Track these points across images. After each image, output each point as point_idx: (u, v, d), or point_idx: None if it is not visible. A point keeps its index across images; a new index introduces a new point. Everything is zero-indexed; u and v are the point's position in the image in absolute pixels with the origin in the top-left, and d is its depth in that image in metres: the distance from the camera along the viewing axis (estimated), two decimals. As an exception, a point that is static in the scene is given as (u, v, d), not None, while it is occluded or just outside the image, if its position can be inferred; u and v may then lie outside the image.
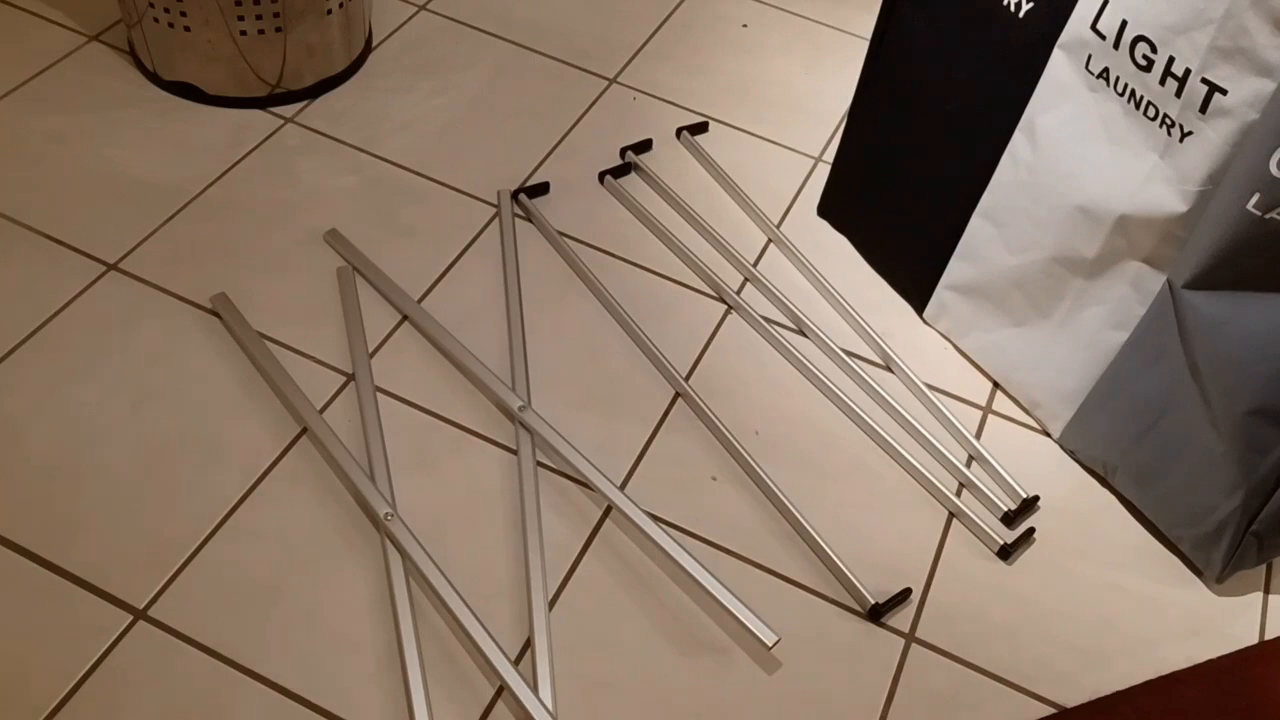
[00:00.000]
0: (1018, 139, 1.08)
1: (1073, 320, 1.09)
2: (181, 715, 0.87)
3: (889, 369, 1.21)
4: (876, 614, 1.00)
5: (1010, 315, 1.16)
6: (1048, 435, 1.16)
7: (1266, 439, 0.96)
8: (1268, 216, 0.88)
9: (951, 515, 1.09)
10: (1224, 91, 0.89)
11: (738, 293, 1.25)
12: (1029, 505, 1.10)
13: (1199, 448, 1.01)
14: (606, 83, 1.49)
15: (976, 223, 1.15)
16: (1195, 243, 0.94)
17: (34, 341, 1.09)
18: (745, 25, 1.62)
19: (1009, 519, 1.08)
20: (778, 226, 1.34)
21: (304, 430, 1.06)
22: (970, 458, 1.14)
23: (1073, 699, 0.97)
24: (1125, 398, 1.06)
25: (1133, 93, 0.96)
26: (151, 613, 0.92)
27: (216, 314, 1.14)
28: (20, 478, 0.99)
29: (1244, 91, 0.87)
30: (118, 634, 0.91)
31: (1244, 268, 0.92)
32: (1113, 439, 1.09)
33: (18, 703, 0.86)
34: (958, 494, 1.10)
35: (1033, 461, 1.14)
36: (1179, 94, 0.92)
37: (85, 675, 0.88)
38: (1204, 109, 0.90)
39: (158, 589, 0.94)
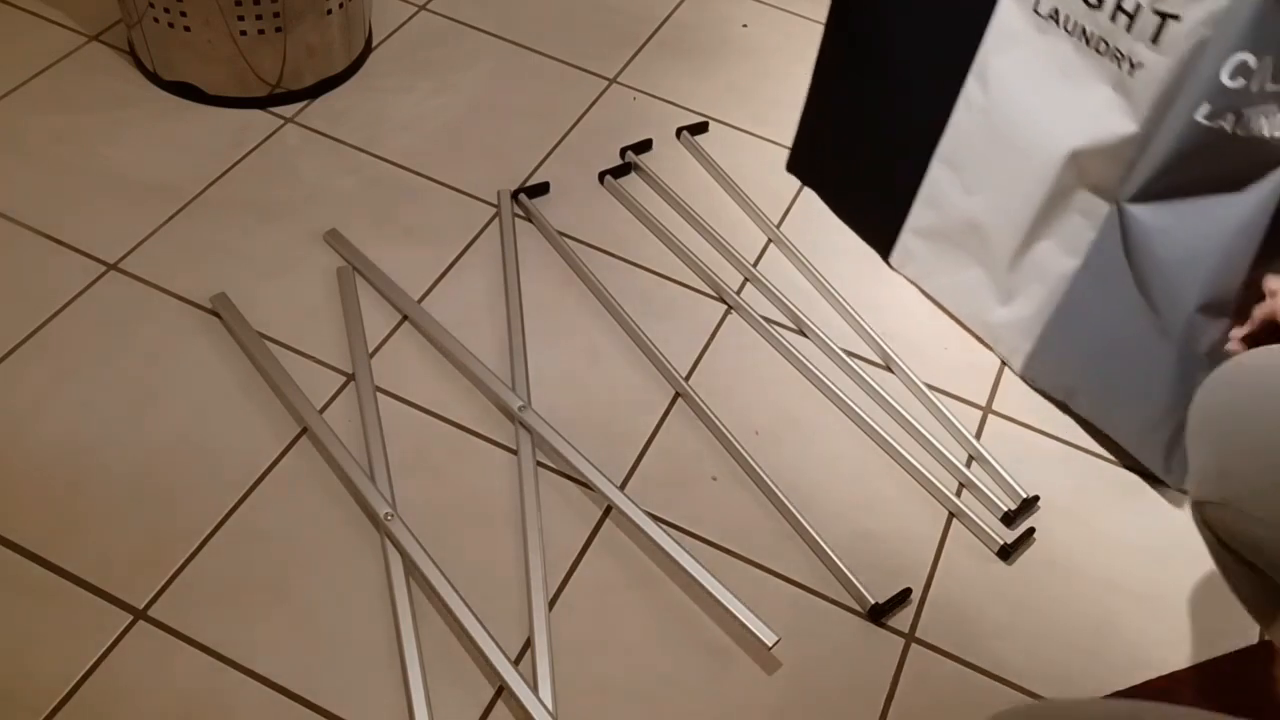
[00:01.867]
0: (971, 84, 1.11)
1: (1028, 253, 1.12)
2: (181, 715, 0.87)
3: (889, 369, 1.21)
4: (876, 614, 1.00)
5: (971, 255, 1.19)
6: (1009, 368, 1.19)
7: (1215, 334, 0.99)
8: (1214, 125, 0.90)
9: (951, 515, 1.09)
10: (1177, 18, 0.90)
11: (738, 293, 1.25)
12: (1029, 505, 1.10)
13: (1151, 357, 1.04)
14: (606, 83, 1.49)
15: (936, 167, 1.18)
16: (1144, 161, 0.97)
17: (34, 341, 1.09)
18: (745, 25, 1.62)
19: (1009, 519, 1.08)
20: (778, 226, 1.34)
21: (304, 430, 1.06)
22: (970, 458, 1.14)
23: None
24: (1080, 321, 1.09)
25: (1083, 30, 0.99)
26: (151, 613, 0.92)
27: (216, 314, 1.14)
28: (20, 478, 0.99)
29: (1197, 13, 0.89)
30: (118, 634, 0.91)
31: (1188, 175, 0.95)
32: (1070, 363, 1.12)
33: (18, 703, 0.86)
34: (958, 494, 1.10)
35: (1033, 461, 1.14)
36: (1130, 29, 0.94)
37: (85, 675, 0.88)
38: (1156, 39, 0.92)
39: (158, 589, 0.94)
